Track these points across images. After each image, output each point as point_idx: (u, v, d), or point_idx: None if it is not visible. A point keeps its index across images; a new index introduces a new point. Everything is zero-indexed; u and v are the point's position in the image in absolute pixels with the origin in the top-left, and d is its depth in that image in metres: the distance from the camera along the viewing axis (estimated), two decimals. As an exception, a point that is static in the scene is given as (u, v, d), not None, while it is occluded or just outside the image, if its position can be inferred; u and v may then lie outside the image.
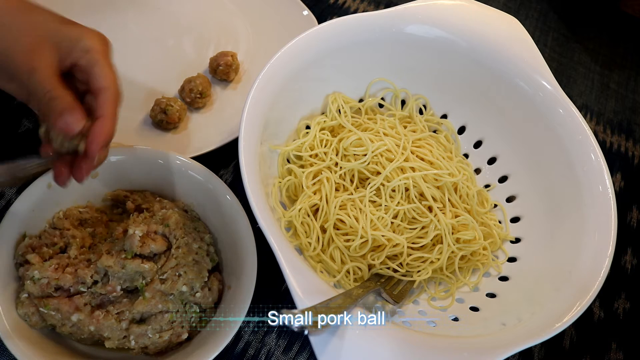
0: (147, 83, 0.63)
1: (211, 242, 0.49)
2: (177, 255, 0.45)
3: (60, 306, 0.42)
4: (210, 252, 0.49)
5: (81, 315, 0.42)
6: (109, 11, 0.68)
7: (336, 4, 0.80)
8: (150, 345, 0.44)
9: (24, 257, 0.44)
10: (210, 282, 0.47)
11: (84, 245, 0.46)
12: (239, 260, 0.47)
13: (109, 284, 0.43)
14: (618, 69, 0.86)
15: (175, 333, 0.44)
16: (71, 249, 0.45)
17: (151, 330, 0.43)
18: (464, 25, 0.55)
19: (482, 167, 0.60)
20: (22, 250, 0.44)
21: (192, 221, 0.49)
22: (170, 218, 0.47)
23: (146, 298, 0.44)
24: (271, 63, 0.48)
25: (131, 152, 0.50)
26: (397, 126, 0.56)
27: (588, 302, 0.42)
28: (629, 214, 0.68)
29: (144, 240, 0.45)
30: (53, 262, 0.43)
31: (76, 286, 0.43)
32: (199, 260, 0.46)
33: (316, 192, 0.51)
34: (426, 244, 0.51)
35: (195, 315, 0.46)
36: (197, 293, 0.45)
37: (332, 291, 0.39)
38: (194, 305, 0.46)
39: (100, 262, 0.43)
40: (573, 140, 0.51)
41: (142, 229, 0.45)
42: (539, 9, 0.91)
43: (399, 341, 0.37)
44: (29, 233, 0.45)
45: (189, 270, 0.45)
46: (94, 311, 0.43)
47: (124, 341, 0.43)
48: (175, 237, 0.46)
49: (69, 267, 0.43)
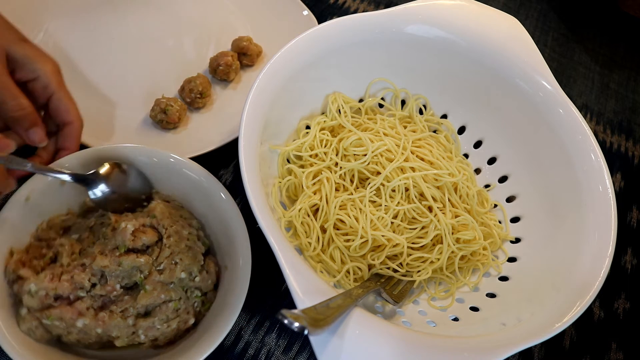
0: (147, 83, 0.63)
1: (199, 227, 0.49)
2: (170, 244, 0.45)
3: (63, 314, 0.42)
4: (201, 237, 0.49)
5: (86, 319, 0.42)
6: (108, 11, 0.68)
7: (336, 4, 0.80)
8: (160, 336, 0.44)
9: (15, 273, 0.43)
10: (207, 265, 0.47)
11: (74, 252, 0.45)
12: (230, 240, 0.47)
13: (107, 284, 0.43)
14: (618, 69, 0.86)
15: (182, 320, 0.45)
16: (62, 257, 0.44)
17: (158, 321, 0.44)
18: (464, 25, 0.55)
19: (482, 167, 0.60)
20: (13, 266, 0.43)
21: (176, 209, 0.49)
22: (155, 209, 0.47)
23: (147, 291, 0.44)
24: (271, 63, 0.48)
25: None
26: (397, 126, 0.56)
27: (588, 302, 0.42)
28: (629, 214, 0.68)
29: (135, 234, 0.45)
30: (47, 273, 0.43)
31: (75, 292, 0.43)
32: (192, 246, 0.47)
33: (316, 192, 0.51)
34: (426, 244, 0.51)
35: (197, 300, 0.46)
36: (196, 277, 0.46)
37: (332, 291, 0.38)
38: (195, 290, 0.46)
39: (96, 263, 0.43)
40: (573, 140, 0.51)
41: (134, 222, 0.45)
42: (539, 9, 0.91)
43: (399, 341, 0.37)
44: (16, 249, 0.44)
45: (184, 257, 0.45)
46: (98, 313, 0.43)
47: (134, 337, 0.43)
48: (164, 226, 0.46)
49: (64, 275, 0.43)
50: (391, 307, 0.49)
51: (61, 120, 0.48)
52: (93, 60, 0.64)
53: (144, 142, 0.58)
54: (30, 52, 0.44)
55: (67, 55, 0.63)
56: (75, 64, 0.62)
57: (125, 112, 0.60)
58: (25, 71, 0.44)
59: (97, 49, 0.65)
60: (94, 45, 0.65)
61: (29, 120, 0.44)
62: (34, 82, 0.46)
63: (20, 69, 0.44)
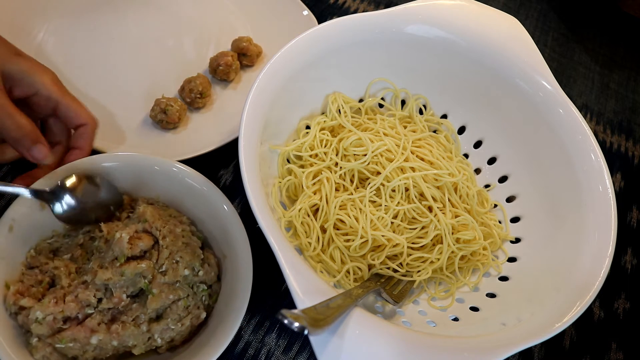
0: (147, 83, 0.63)
1: (190, 222, 0.49)
2: (167, 244, 0.45)
3: (76, 335, 0.41)
4: (194, 231, 0.49)
5: (100, 335, 0.42)
6: (109, 11, 0.68)
7: (336, 4, 0.80)
8: (175, 336, 0.44)
9: (16, 305, 0.42)
10: (206, 257, 0.47)
11: (70, 272, 0.45)
12: (223, 229, 0.47)
13: (114, 296, 0.43)
14: (618, 69, 0.86)
15: (194, 315, 0.45)
16: (60, 279, 0.44)
17: (171, 322, 0.44)
18: (464, 25, 0.55)
19: (482, 167, 0.60)
20: (12, 299, 0.42)
21: (164, 209, 0.49)
22: (145, 213, 0.46)
23: (155, 294, 0.44)
24: (271, 63, 0.48)
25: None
26: (397, 126, 0.56)
27: (588, 302, 0.42)
28: (629, 214, 0.68)
29: (131, 242, 0.44)
30: (49, 297, 0.42)
31: (83, 311, 0.42)
32: (189, 242, 0.47)
33: (316, 192, 0.51)
34: (426, 244, 0.51)
35: (205, 293, 0.46)
36: (199, 272, 0.46)
37: (332, 291, 0.38)
38: (200, 285, 0.46)
39: (98, 278, 0.43)
40: (573, 140, 0.51)
41: (128, 231, 0.45)
42: (539, 9, 0.91)
43: (399, 341, 0.37)
44: (9, 281, 0.44)
45: (184, 254, 0.45)
46: (110, 326, 0.42)
47: (150, 342, 0.43)
48: (157, 228, 0.46)
49: (68, 296, 0.42)
50: (391, 307, 0.49)
51: (74, 125, 0.47)
52: (93, 60, 0.63)
53: (144, 142, 0.58)
54: (26, 66, 0.43)
55: (67, 55, 0.63)
56: (76, 64, 0.62)
57: (125, 112, 0.60)
58: (24, 86, 0.44)
59: (97, 49, 0.65)
60: (94, 45, 0.65)
61: (30, 139, 0.43)
62: (35, 96, 0.45)
63: (18, 85, 0.43)
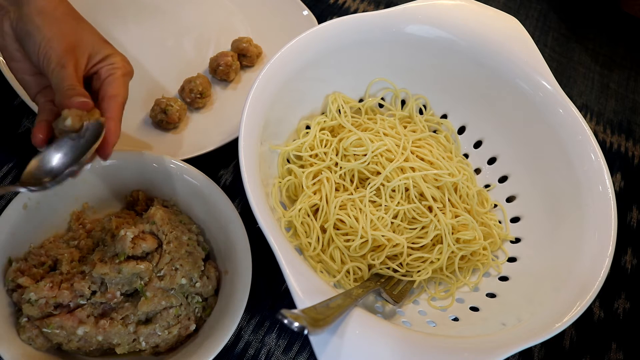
0: (147, 83, 0.63)
1: (199, 232, 0.49)
2: (170, 250, 0.45)
3: (64, 323, 0.42)
4: (201, 242, 0.49)
5: (86, 327, 0.42)
6: (109, 11, 0.68)
7: (336, 4, 0.80)
8: (161, 343, 0.44)
9: (14, 282, 0.43)
10: (207, 270, 0.47)
11: (73, 260, 0.45)
12: (230, 244, 0.47)
13: (108, 292, 0.43)
14: (618, 69, 0.86)
15: (183, 326, 0.45)
16: (62, 265, 0.44)
17: (159, 328, 0.44)
18: (464, 25, 0.55)
19: (482, 167, 0.60)
20: (12, 275, 0.43)
21: (176, 215, 0.49)
22: (155, 215, 0.46)
23: (148, 298, 0.43)
24: (271, 63, 0.48)
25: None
26: (397, 126, 0.56)
27: (588, 302, 0.42)
28: (629, 214, 0.68)
29: (135, 241, 0.44)
30: (46, 281, 0.42)
31: (75, 300, 0.43)
32: (192, 251, 0.47)
33: (316, 192, 0.51)
34: (426, 244, 0.51)
35: (198, 306, 0.46)
36: (196, 283, 0.46)
37: (332, 291, 0.38)
38: (195, 296, 0.46)
39: (96, 270, 0.43)
40: (573, 140, 0.51)
41: (133, 230, 0.45)
42: (539, 9, 0.91)
43: (399, 341, 0.37)
44: (14, 257, 0.44)
45: (185, 263, 0.45)
46: (99, 321, 0.43)
47: (134, 344, 0.43)
48: (163, 232, 0.46)
49: (64, 283, 0.43)
50: (391, 307, 0.49)
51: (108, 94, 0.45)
52: (93, 60, 0.63)
53: (144, 142, 0.58)
54: (108, 50, 0.46)
55: (67, 55, 0.63)
56: (75, 64, 0.62)
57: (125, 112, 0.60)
58: (102, 64, 0.45)
59: (97, 49, 0.65)
60: (94, 45, 0.65)
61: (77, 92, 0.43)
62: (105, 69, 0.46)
63: (98, 62, 0.45)
